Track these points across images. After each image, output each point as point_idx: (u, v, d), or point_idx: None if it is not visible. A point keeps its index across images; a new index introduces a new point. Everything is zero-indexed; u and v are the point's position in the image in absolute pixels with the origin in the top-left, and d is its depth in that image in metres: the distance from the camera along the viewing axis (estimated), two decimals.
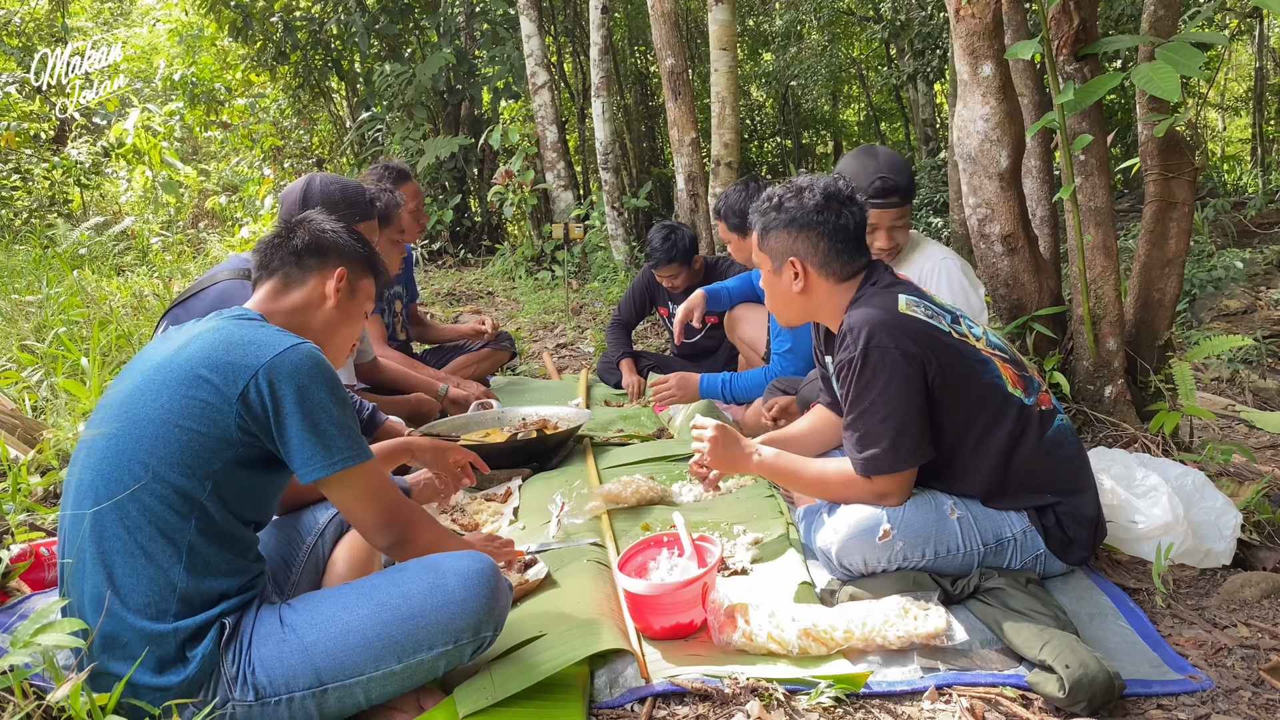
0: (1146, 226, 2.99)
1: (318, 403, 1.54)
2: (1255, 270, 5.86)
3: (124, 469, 1.50)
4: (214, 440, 1.51)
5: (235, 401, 1.51)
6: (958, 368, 2.00)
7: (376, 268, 1.89)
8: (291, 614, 1.56)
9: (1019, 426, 2.03)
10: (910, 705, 1.71)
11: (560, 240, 6.87)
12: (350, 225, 1.89)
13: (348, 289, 1.80)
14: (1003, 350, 2.10)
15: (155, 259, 8.01)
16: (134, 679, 1.47)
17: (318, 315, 1.78)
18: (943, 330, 2.01)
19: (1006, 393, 2.03)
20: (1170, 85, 2.30)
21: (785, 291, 2.16)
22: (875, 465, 2.02)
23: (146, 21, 12.38)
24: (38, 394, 3.22)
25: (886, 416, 1.97)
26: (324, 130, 11.29)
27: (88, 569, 1.50)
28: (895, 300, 2.01)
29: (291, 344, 1.56)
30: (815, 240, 2.09)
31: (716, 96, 6.19)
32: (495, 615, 1.63)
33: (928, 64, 9.76)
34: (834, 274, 2.11)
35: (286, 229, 1.80)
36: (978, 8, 2.87)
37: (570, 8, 11.26)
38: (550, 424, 3.30)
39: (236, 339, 1.56)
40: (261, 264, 1.79)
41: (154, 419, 1.51)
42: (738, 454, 2.18)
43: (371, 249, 1.88)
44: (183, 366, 1.54)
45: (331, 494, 1.61)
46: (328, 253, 1.79)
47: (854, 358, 1.98)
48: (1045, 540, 2.07)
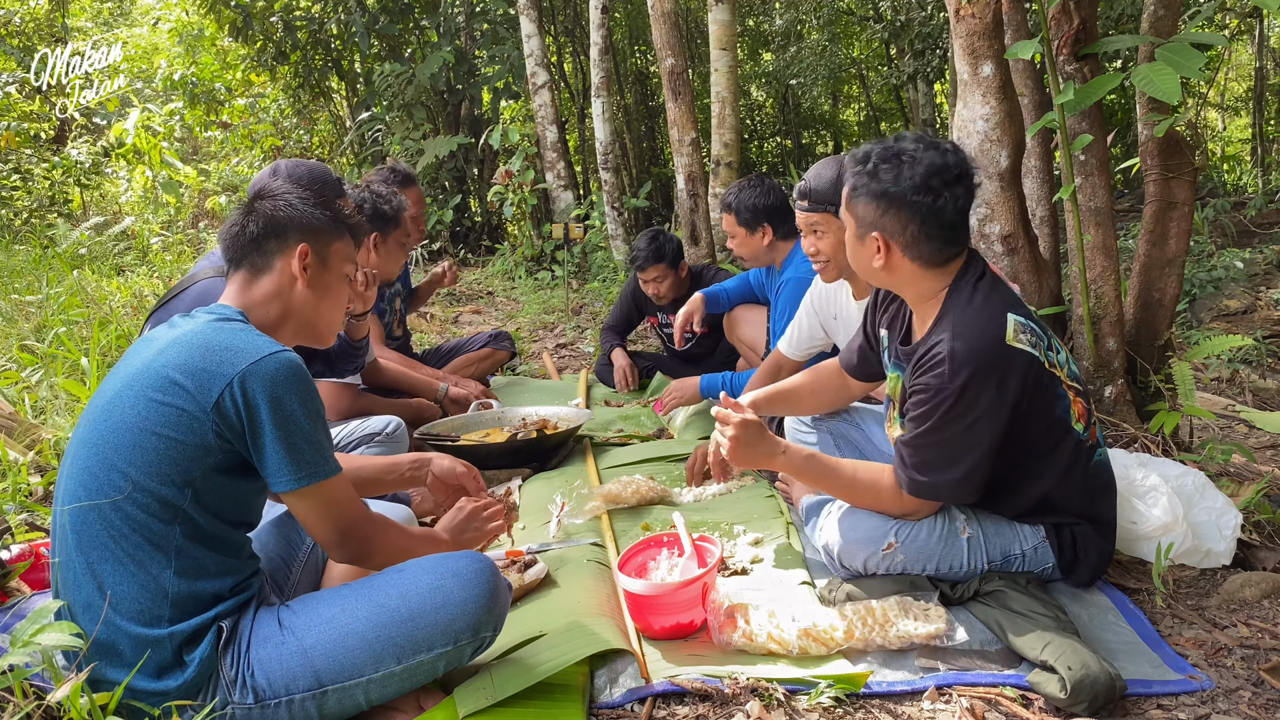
0: (1146, 226, 2.99)
1: (289, 414, 1.50)
2: (1255, 270, 5.86)
3: (103, 478, 1.48)
4: (192, 448, 1.48)
5: (210, 410, 1.47)
6: (1041, 403, 1.88)
7: (345, 225, 1.77)
8: (290, 616, 1.56)
9: (1071, 459, 1.95)
10: (910, 705, 1.71)
11: (560, 240, 6.87)
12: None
13: (316, 261, 1.71)
14: (1077, 383, 1.97)
15: (155, 259, 8.01)
16: (133, 684, 1.47)
17: (293, 298, 1.69)
18: (1040, 361, 1.86)
19: (1069, 426, 1.93)
20: (1170, 86, 2.30)
21: (865, 261, 1.96)
22: (925, 490, 1.92)
23: (146, 21, 12.37)
24: (37, 394, 3.22)
25: (963, 452, 1.85)
26: (324, 130, 11.29)
27: (78, 577, 1.49)
28: (1003, 328, 1.83)
29: (268, 352, 1.51)
30: (905, 221, 1.86)
31: (716, 96, 6.19)
32: (495, 616, 1.62)
33: (928, 64, 9.77)
34: (921, 259, 1.89)
35: (242, 214, 1.71)
36: (978, 8, 2.87)
37: (570, 8, 11.26)
38: (550, 424, 3.30)
39: (214, 344, 1.52)
40: (228, 257, 1.71)
41: (131, 427, 1.48)
42: (762, 450, 1.99)
43: (334, 209, 1.76)
44: (159, 373, 1.50)
45: (293, 506, 1.58)
46: (286, 231, 1.68)
47: (946, 387, 1.81)
48: (1058, 557, 2.03)
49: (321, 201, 1.75)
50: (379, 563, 1.67)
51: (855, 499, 2.06)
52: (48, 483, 2.50)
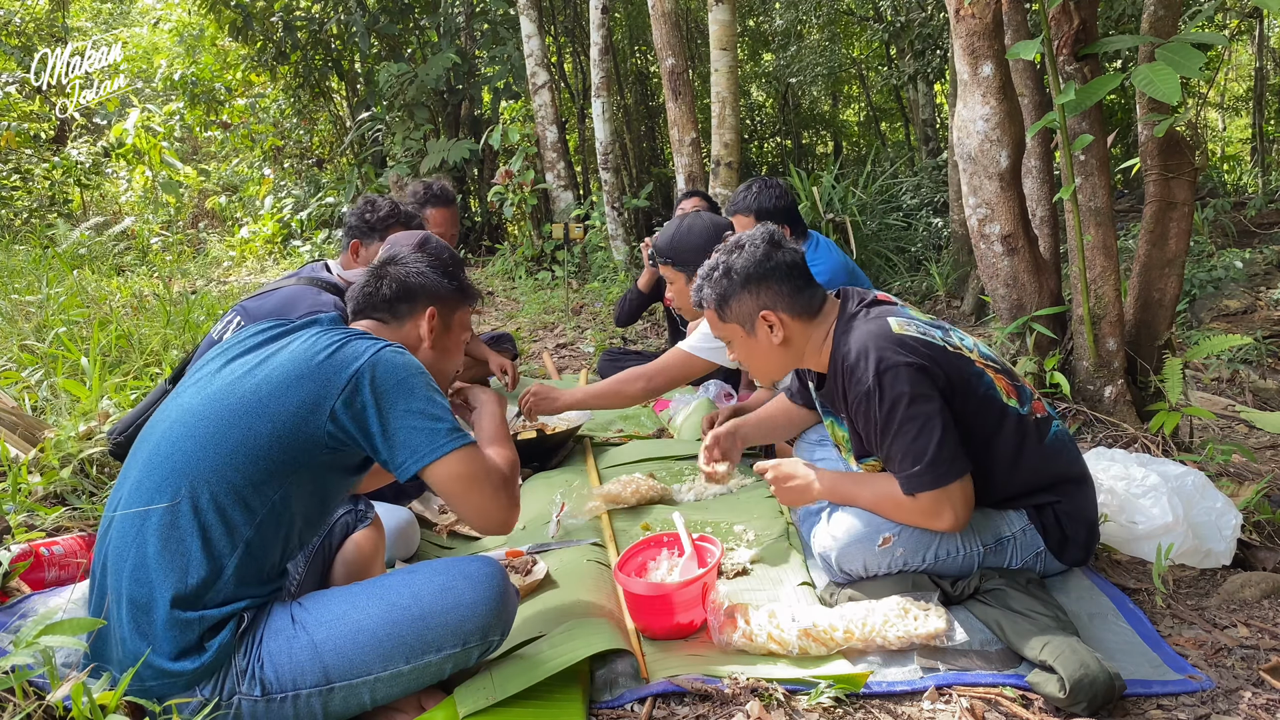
0: (1146, 226, 2.99)
1: (422, 392, 1.59)
2: (1255, 270, 5.87)
3: (209, 454, 1.52)
4: (304, 441, 1.54)
5: (332, 403, 1.54)
6: (960, 378, 1.97)
7: (467, 294, 1.93)
8: (302, 612, 1.57)
9: (1017, 436, 2.01)
10: (910, 705, 1.71)
11: (560, 240, 6.87)
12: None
13: (441, 325, 1.86)
14: (994, 361, 2.07)
15: (155, 259, 8.02)
16: (149, 661, 1.48)
17: (417, 355, 1.81)
18: (936, 343, 1.99)
19: (1002, 403, 2.01)
20: (1170, 86, 2.30)
21: (765, 349, 2.11)
22: (921, 483, 1.94)
23: (146, 21, 12.37)
24: (38, 394, 3.22)
25: (918, 434, 1.91)
26: (324, 130, 11.29)
27: (146, 538, 1.51)
28: (886, 324, 1.99)
29: (386, 344, 1.63)
30: (778, 286, 2.06)
31: (716, 96, 6.19)
32: (503, 620, 1.64)
33: (928, 64, 9.76)
34: (805, 312, 2.09)
35: (375, 278, 1.85)
36: (978, 8, 2.87)
37: (570, 8, 11.25)
38: (550, 424, 3.30)
39: (338, 341, 1.61)
40: (356, 309, 1.85)
41: (249, 412, 1.54)
42: (803, 490, 2.17)
43: (460, 278, 1.92)
44: (283, 368, 1.57)
45: (442, 477, 1.61)
46: (416, 296, 1.84)
47: (869, 387, 1.93)
48: (1044, 538, 2.07)
49: (449, 272, 1.90)
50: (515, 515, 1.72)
51: (886, 514, 2.06)
52: (48, 482, 2.50)
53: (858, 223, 7.05)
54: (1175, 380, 2.71)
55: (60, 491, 2.53)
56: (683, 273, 3.24)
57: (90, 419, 2.90)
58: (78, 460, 2.59)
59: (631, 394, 3.04)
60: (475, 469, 1.63)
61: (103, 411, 2.97)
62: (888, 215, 7.95)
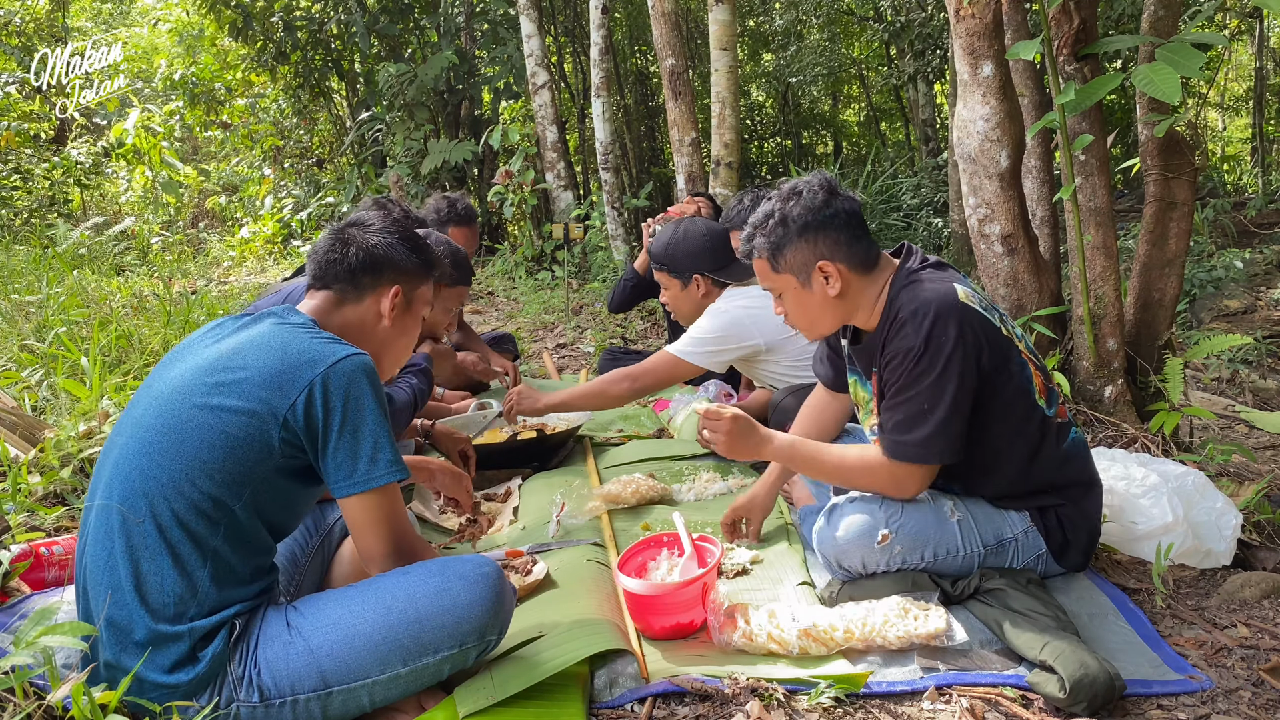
0: (1146, 226, 2.99)
1: (365, 414, 1.54)
2: (1255, 270, 5.87)
3: (163, 469, 1.49)
4: (256, 450, 1.50)
5: (283, 413, 1.50)
6: (1004, 367, 1.93)
7: (432, 267, 1.83)
8: (298, 617, 1.56)
9: (1039, 436, 1.99)
10: (910, 705, 1.71)
11: (560, 240, 6.87)
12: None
13: (403, 303, 1.77)
14: (1035, 356, 2.03)
15: (155, 259, 8.02)
16: (143, 676, 1.47)
17: (375, 333, 1.75)
18: (994, 326, 1.94)
19: (1033, 400, 1.97)
20: (1170, 86, 2.30)
21: (820, 301, 2.02)
22: (905, 451, 1.94)
23: (146, 21, 12.38)
24: (38, 394, 3.22)
25: (934, 407, 1.88)
26: (324, 130, 11.30)
27: (113, 563, 1.49)
28: (953, 289, 1.91)
29: (346, 354, 1.56)
30: (836, 235, 1.97)
31: (716, 96, 6.19)
32: (500, 620, 1.63)
33: (928, 64, 9.77)
34: (864, 264, 2.00)
35: (339, 242, 1.74)
36: (978, 8, 2.87)
37: (570, 8, 11.25)
38: (550, 424, 3.30)
39: (291, 347, 1.55)
40: (316, 274, 1.75)
41: (197, 425, 1.50)
42: (753, 442, 2.09)
43: (427, 253, 1.82)
44: (228, 374, 1.53)
45: (351, 511, 1.58)
46: (382, 270, 1.74)
47: (914, 345, 1.87)
48: (1046, 541, 2.07)
49: (417, 245, 1.80)
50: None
51: (848, 478, 2.07)
52: (48, 482, 2.50)
53: None
54: (1175, 380, 2.71)
55: (60, 491, 2.53)
56: (677, 279, 3.22)
57: (90, 419, 2.90)
58: (78, 460, 2.59)
59: (617, 394, 3.01)
60: (388, 512, 1.59)
61: (103, 411, 2.97)
62: (888, 215, 7.95)
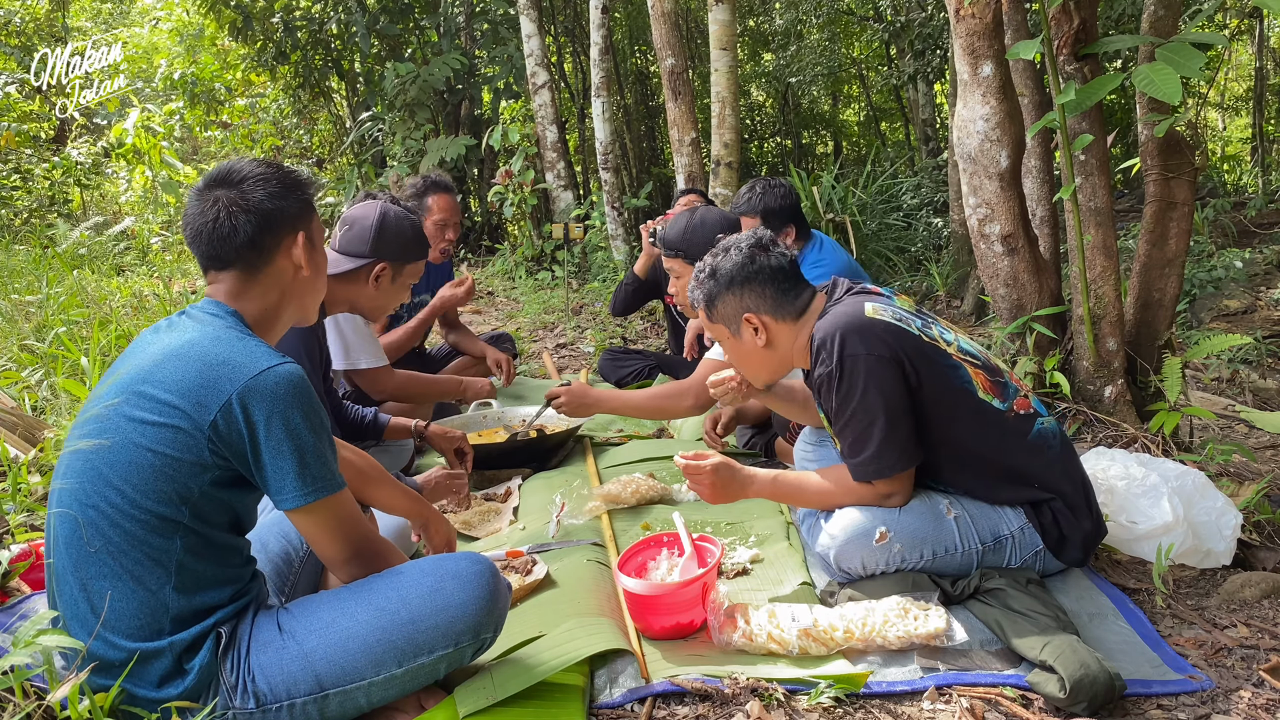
0: (1146, 226, 2.99)
1: (293, 430, 1.46)
2: (1255, 270, 5.86)
3: (98, 493, 1.45)
4: (188, 465, 1.44)
5: (206, 429, 1.43)
6: (931, 369, 2.00)
7: (309, 187, 1.69)
8: (290, 620, 1.55)
9: (994, 432, 2.03)
10: (910, 705, 1.71)
11: (560, 240, 6.86)
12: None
13: (308, 245, 1.65)
14: (974, 356, 2.09)
15: (155, 259, 8.02)
16: (134, 693, 1.46)
17: (295, 284, 1.65)
18: (911, 332, 2.01)
19: (978, 399, 2.03)
20: (1171, 86, 2.30)
21: (751, 351, 2.16)
22: (866, 471, 2.03)
23: (146, 21, 12.38)
24: (38, 394, 3.22)
25: (871, 422, 1.97)
26: (324, 130, 11.29)
27: (72, 592, 1.46)
28: (861, 307, 2.02)
29: (266, 366, 1.46)
30: (761, 289, 2.10)
31: (716, 96, 6.19)
32: (495, 617, 1.62)
33: (928, 64, 9.76)
34: (789, 314, 2.12)
35: (223, 213, 1.56)
36: (978, 8, 2.87)
37: (570, 8, 11.24)
38: (550, 424, 3.30)
39: (210, 358, 1.46)
40: (213, 255, 1.59)
41: (126, 443, 1.45)
42: (736, 485, 2.15)
43: (304, 184, 1.67)
44: (152, 390, 1.46)
45: (300, 523, 1.55)
46: (280, 224, 1.60)
47: (831, 370, 1.98)
48: (1042, 537, 2.07)
49: (295, 180, 1.66)
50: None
51: (836, 502, 2.14)
52: (48, 482, 2.50)
53: (858, 223, 7.05)
54: (1175, 380, 2.71)
55: None
56: (692, 266, 3.23)
57: None
58: None
59: (684, 409, 2.98)
60: (339, 519, 1.55)
61: None
62: (888, 215, 7.95)
